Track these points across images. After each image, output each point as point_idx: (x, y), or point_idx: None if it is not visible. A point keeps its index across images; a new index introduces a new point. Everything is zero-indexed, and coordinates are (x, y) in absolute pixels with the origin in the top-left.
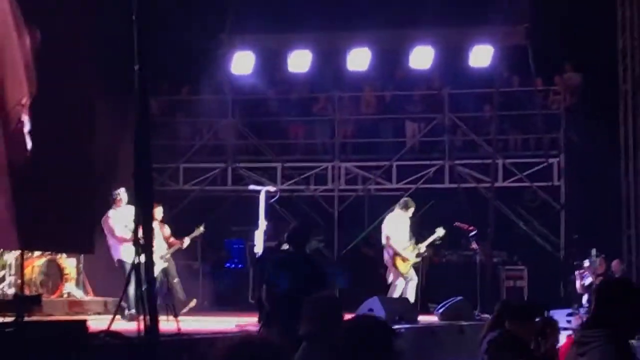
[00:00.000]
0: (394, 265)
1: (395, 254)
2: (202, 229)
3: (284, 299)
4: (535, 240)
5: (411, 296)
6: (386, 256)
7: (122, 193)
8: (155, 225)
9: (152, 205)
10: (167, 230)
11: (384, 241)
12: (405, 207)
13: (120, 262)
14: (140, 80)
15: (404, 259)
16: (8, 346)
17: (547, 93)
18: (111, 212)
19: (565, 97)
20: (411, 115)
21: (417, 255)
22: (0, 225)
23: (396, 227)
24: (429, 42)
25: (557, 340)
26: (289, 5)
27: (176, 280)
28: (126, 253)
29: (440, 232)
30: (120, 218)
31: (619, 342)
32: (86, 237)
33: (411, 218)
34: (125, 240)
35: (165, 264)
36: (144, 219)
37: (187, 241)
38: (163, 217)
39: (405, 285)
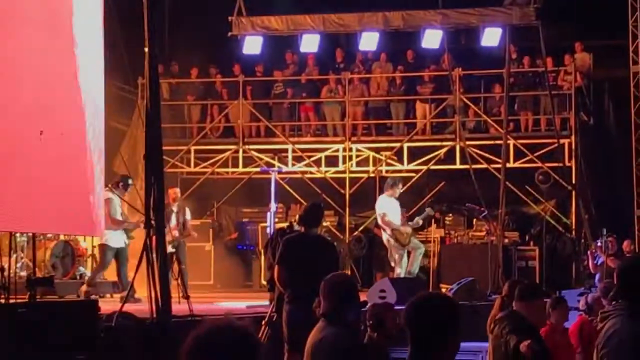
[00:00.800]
0: (396, 240)
1: (393, 229)
2: (431, 211)
3: (297, 279)
4: (547, 220)
5: (417, 264)
6: (385, 237)
7: (130, 182)
8: (175, 207)
9: (163, 187)
10: (187, 214)
11: (379, 220)
12: (393, 186)
13: (102, 245)
14: (150, 62)
15: (402, 232)
16: (21, 326)
17: (558, 73)
18: (113, 196)
19: (575, 77)
20: (422, 96)
21: (412, 228)
22: (12, 207)
23: (388, 206)
24: (439, 23)
25: (564, 319)
26: None
27: (184, 266)
28: (112, 238)
29: (430, 211)
30: (117, 203)
31: (637, 314)
32: (94, 220)
33: (398, 199)
34: (120, 226)
35: (173, 250)
36: (155, 201)
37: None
38: (182, 199)
39: (412, 256)
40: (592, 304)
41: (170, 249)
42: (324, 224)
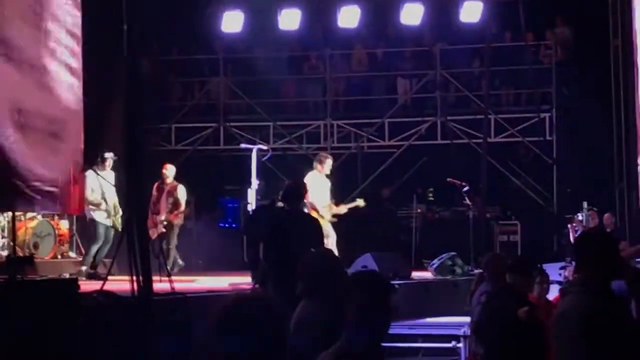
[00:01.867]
0: None
1: (313, 208)
2: (362, 202)
3: (281, 256)
4: (528, 194)
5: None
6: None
7: (110, 158)
8: (166, 186)
9: (142, 166)
10: (179, 194)
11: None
12: (321, 162)
13: (93, 220)
14: (129, 40)
15: (320, 217)
16: (0, 306)
17: (538, 48)
18: (89, 172)
19: (556, 52)
20: (403, 72)
21: (333, 216)
22: None
23: (314, 183)
24: None
25: (546, 292)
26: None
27: (171, 246)
28: (97, 214)
29: (360, 202)
30: (94, 181)
31: (595, 286)
32: (76, 198)
33: (329, 176)
34: (89, 204)
35: (163, 230)
36: (135, 180)
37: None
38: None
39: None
40: (568, 276)
41: (161, 228)
42: (355, 203)
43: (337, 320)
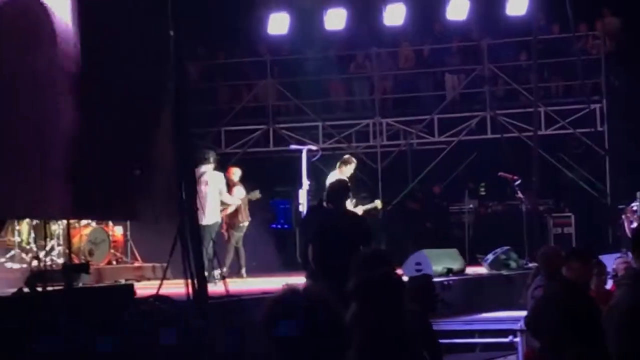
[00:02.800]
0: None
1: None
2: (258, 194)
3: (329, 256)
4: (581, 186)
5: None
6: None
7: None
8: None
9: (194, 169)
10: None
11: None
12: (344, 164)
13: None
14: (176, 46)
15: None
16: (58, 313)
17: (587, 38)
18: (218, 174)
19: (605, 42)
20: (450, 68)
21: None
22: (47, 195)
23: None
24: None
25: (604, 282)
26: None
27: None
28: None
29: (378, 203)
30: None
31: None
32: (129, 204)
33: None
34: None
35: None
36: (186, 185)
37: (237, 200)
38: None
39: None
40: (617, 268)
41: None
42: (372, 205)
43: (390, 319)
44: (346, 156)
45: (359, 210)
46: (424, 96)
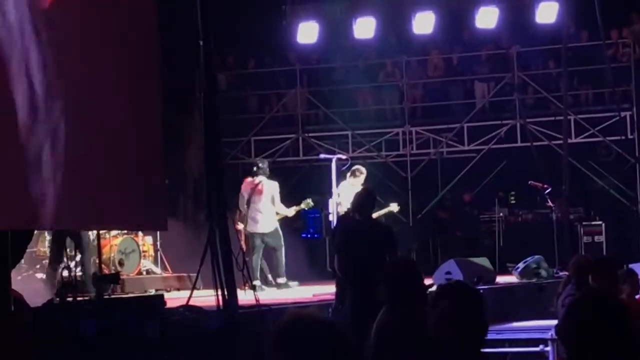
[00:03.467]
0: None
1: None
2: (310, 202)
3: (355, 265)
4: (612, 194)
5: None
6: None
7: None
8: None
9: (222, 179)
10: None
11: (336, 208)
12: (354, 174)
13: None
14: (205, 55)
15: None
16: (89, 323)
17: (617, 46)
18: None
19: (634, 49)
20: (480, 76)
21: None
22: (75, 206)
23: (347, 192)
24: (494, 1)
25: (636, 292)
26: None
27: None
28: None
29: (394, 207)
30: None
31: None
32: (159, 214)
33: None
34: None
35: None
36: (216, 194)
37: (292, 211)
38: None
39: None
40: None
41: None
42: (387, 209)
43: (417, 327)
44: (356, 167)
45: (374, 215)
46: (453, 104)
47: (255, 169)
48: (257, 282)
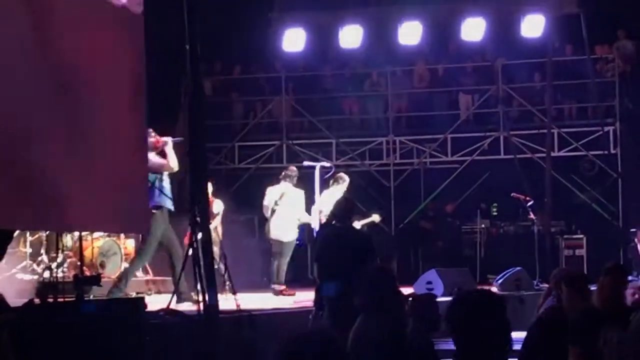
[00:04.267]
0: None
1: None
2: (378, 217)
3: (332, 273)
4: (594, 208)
5: None
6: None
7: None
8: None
9: (207, 184)
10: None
11: (319, 216)
12: (337, 181)
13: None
14: (191, 60)
15: None
16: (68, 325)
17: (601, 61)
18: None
19: (619, 65)
20: (464, 88)
21: None
22: (57, 208)
23: (330, 202)
24: (480, 14)
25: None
26: None
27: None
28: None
29: (376, 217)
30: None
31: None
32: (141, 217)
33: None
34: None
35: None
36: (199, 198)
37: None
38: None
39: None
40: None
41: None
42: (370, 219)
43: (393, 335)
44: (339, 174)
45: (357, 225)
46: (437, 115)
47: (281, 176)
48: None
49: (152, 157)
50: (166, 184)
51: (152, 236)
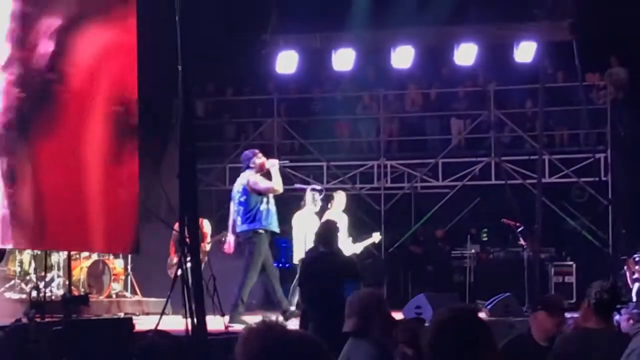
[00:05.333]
0: None
1: None
2: (378, 236)
3: (315, 297)
4: (584, 235)
5: None
6: None
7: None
8: None
9: (197, 206)
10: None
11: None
12: (330, 200)
13: None
14: (184, 81)
15: None
16: (57, 345)
17: (593, 88)
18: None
19: (611, 92)
20: (457, 112)
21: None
22: (47, 228)
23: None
24: (473, 39)
25: None
26: (331, 4)
27: None
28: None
29: (376, 237)
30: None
31: None
32: (132, 238)
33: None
34: None
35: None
36: (189, 220)
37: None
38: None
39: None
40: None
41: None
42: (370, 240)
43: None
44: (335, 192)
45: (359, 246)
46: (429, 139)
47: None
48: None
49: (259, 179)
50: (272, 206)
51: (257, 256)
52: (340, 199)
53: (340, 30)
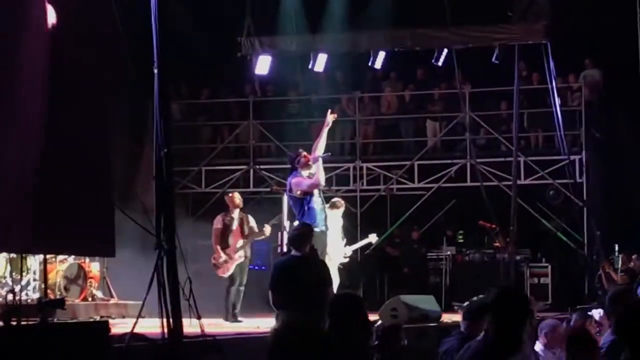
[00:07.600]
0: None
1: None
2: (374, 236)
3: (287, 300)
4: (559, 237)
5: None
6: None
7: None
8: (235, 214)
9: (173, 208)
10: (251, 222)
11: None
12: (332, 207)
13: None
14: (159, 83)
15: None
16: (32, 349)
17: (568, 90)
18: None
19: (585, 94)
20: (432, 115)
21: (344, 257)
22: (19, 229)
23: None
24: (449, 41)
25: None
26: (306, 7)
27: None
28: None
29: (372, 237)
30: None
31: None
32: (107, 241)
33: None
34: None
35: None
36: (166, 223)
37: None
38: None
39: None
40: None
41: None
42: (366, 241)
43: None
44: (334, 199)
45: (352, 248)
46: (405, 142)
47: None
48: None
49: (303, 179)
50: (317, 203)
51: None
52: (342, 209)
53: (317, 33)
